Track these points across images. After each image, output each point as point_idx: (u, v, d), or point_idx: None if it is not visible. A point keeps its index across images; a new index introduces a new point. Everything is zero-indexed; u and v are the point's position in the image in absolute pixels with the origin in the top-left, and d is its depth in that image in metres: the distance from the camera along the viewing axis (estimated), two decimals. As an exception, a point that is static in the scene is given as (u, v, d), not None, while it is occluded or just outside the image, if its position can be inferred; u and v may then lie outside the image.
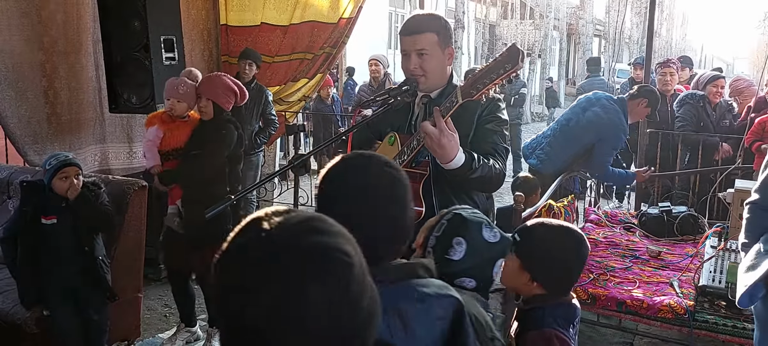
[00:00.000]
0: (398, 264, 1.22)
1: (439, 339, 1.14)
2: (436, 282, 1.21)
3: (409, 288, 1.16)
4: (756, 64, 24.09)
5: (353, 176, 1.21)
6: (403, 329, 1.12)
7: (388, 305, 1.12)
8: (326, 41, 5.26)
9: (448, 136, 1.85)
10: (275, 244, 0.81)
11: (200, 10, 5.13)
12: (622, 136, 4.16)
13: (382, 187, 1.20)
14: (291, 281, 0.78)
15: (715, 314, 2.81)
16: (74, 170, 2.89)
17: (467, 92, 1.87)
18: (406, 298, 1.15)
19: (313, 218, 0.85)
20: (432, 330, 1.13)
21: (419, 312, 1.14)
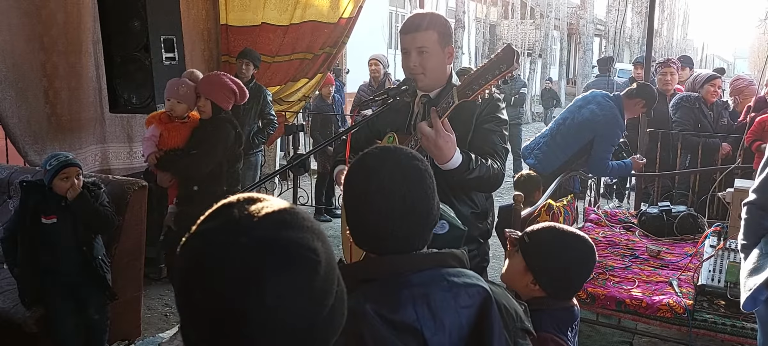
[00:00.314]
0: (429, 253, 1.24)
1: (465, 327, 1.16)
2: (467, 272, 1.23)
3: (439, 276, 1.19)
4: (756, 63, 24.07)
5: (381, 172, 1.22)
6: (432, 318, 1.14)
7: (417, 292, 1.15)
8: (326, 41, 5.27)
9: (444, 137, 1.85)
10: (239, 232, 0.79)
11: (200, 9, 5.14)
12: (619, 131, 4.16)
13: (411, 180, 1.22)
14: (251, 271, 0.76)
15: (714, 313, 2.81)
16: (75, 171, 2.90)
17: (463, 93, 1.87)
18: (434, 286, 1.17)
19: (285, 210, 0.83)
20: (458, 318, 1.16)
21: (447, 300, 1.16)
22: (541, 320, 1.71)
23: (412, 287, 1.16)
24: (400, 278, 1.18)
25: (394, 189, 1.20)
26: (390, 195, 1.20)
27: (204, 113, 3.35)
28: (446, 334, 1.14)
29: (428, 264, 1.21)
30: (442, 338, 1.14)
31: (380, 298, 1.15)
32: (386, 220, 1.20)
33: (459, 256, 1.25)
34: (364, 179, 1.23)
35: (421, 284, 1.16)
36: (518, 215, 3.13)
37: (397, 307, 1.14)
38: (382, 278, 1.19)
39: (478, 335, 1.16)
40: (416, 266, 1.19)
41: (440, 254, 1.24)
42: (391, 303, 1.14)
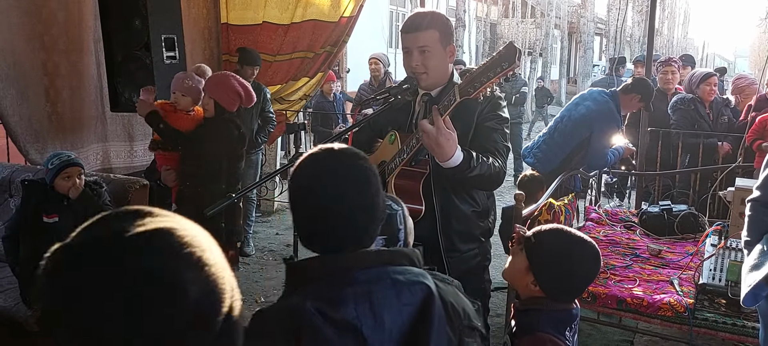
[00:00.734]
0: (376, 251, 1.24)
1: (406, 324, 1.16)
2: (413, 270, 1.22)
3: (384, 274, 1.19)
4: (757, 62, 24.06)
5: (324, 171, 1.22)
6: (372, 315, 1.14)
7: (360, 290, 1.15)
8: (327, 40, 5.27)
9: (445, 135, 1.86)
10: (104, 251, 0.74)
11: (201, 8, 5.14)
12: (615, 125, 4.17)
13: (354, 179, 1.21)
14: (106, 294, 0.70)
15: (715, 312, 2.81)
16: (77, 170, 2.90)
17: (465, 90, 1.87)
18: (378, 284, 1.17)
19: (160, 233, 0.76)
20: (400, 316, 1.16)
21: (389, 298, 1.16)
22: (539, 320, 1.70)
23: (356, 284, 1.16)
24: (344, 276, 1.17)
25: (338, 188, 1.20)
26: (333, 194, 1.20)
27: (207, 112, 3.35)
28: (386, 332, 1.14)
29: (374, 262, 1.20)
30: (381, 336, 1.14)
31: (323, 296, 1.15)
32: (330, 219, 1.20)
33: (408, 254, 1.25)
34: (307, 179, 1.23)
35: (364, 282, 1.16)
36: (519, 214, 3.13)
37: (338, 305, 1.14)
38: (327, 277, 1.19)
39: (417, 331, 1.16)
40: (361, 264, 1.19)
41: (388, 252, 1.25)
42: (332, 301, 1.14)
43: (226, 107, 3.32)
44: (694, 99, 5.11)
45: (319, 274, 1.20)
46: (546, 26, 21.72)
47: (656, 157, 5.20)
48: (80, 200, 2.94)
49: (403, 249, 1.27)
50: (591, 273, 1.78)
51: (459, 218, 2.20)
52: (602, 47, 28.08)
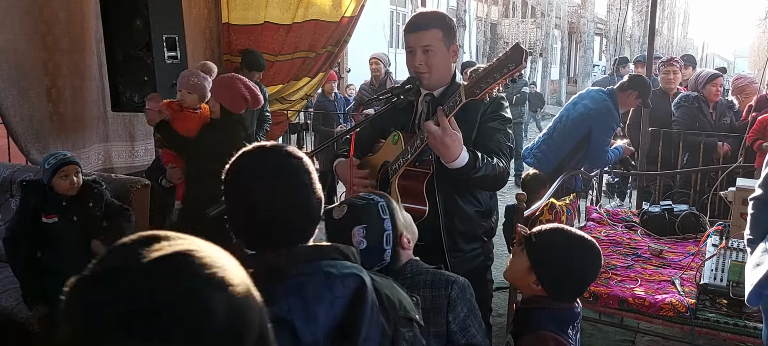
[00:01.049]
0: (309, 246, 1.24)
1: (338, 316, 1.16)
2: (346, 263, 1.22)
3: (316, 268, 1.19)
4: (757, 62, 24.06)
5: (255, 169, 1.24)
6: (305, 310, 1.14)
7: (292, 285, 1.15)
8: (328, 40, 5.27)
9: (451, 136, 1.85)
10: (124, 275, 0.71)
11: (202, 8, 5.14)
12: (613, 123, 4.18)
13: (286, 174, 1.22)
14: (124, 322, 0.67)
15: (717, 312, 2.82)
16: (74, 169, 2.90)
17: (470, 91, 1.87)
18: (311, 278, 1.17)
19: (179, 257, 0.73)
20: (331, 309, 1.16)
21: (321, 291, 1.16)
22: (541, 319, 1.70)
23: (288, 279, 1.16)
24: (277, 273, 1.18)
25: (268, 186, 1.21)
26: (265, 190, 1.20)
27: (213, 113, 3.35)
28: (319, 325, 1.14)
29: (307, 257, 1.21)
30: (314, 330, 1.14)
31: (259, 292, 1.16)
32: (263, 215, 1.21)
33: (343, 249, 1.25)
34: (241, 176, 1.24)
35: (297, 276, 1.17)
36: (521, 214, 3.13)
37: (269, 300, 1.13)
38: (260, 274, 1.18)
39: (349, 322, 1.16)
40: (294, 260, 1.20)
41: (322, 247, 1.24)
42: (266, 298, 1.14)
43: (232, 110, 3.31)
44: (698, 98, 5.12)
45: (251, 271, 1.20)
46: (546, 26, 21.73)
47: (657, 157, 5.20)
48: (79, 199, 2.94)
49: (338, 245, 1.25)
50: (592, 272, 1.78)
51: (462, 218, 2.20)
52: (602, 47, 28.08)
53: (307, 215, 1.24)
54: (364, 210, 1.65)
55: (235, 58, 5.19)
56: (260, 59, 4.95)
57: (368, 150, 2.35)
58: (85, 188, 2.97)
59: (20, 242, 2.94)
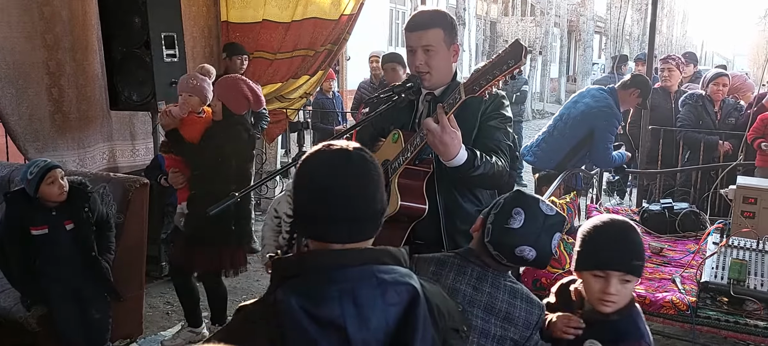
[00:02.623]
0: (361, 249, 1.23)
1: (391, 324, 1.16)
2: (399, 269, 1.22)
3: (369, 273, 1.18)
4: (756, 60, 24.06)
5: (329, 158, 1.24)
6: (357, 314, 1.14)
7: (344, 288, 1.15)
8: (328, 38, 5.26)
9: (450, 134, 1.84)
10: None
11: (201, 6, 5.14)
12: (616, 121, 4.17)
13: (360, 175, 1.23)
14: None
15: (718, 309, 2.81)
16: (59, 172, 2.83)
17: (470, 89, 1.86)
18: (363, 282, 1.17)
19: None
20: (385, 315, 1.15)
21: (374, 297, 1.16)
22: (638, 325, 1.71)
23: (340, 282, 1.16)
24: (329, 273, 1.17)
25: (339, 175, 1.22)
26: (332, 179, 1.21)
27: (215, 114, 3.34)
28: (371, 331, 1.14)
29: (360, 260, 1.20)
30: (366, 335, 1.13)
31: (307, 292, 1.15)
32: (329, 203, 1.21)
33: (394, 253, 1.25)
34: (313, 163, 1.25)
35: (349, 280, 1.16)
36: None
37: (322, 302, 1.14)
38: (311, 273, 1.19)
39: (402, 331, 1.16)
40: (347, 262, 1.19)
41: (374, 250, 1.24)
42: (316, 298, 1.14)
43: (234, 111, 3.30)
44: (703, 96, 5.12)
45: (301, 269, 1.20)
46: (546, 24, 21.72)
47: (657, 156, 5.20)
48: (67, 206, 2.88)
49: (389, 248, 1.25)
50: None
51: (462, 217, 2.18)
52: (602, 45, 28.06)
53: (370, 217, 1.25)
54: None
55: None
56: (235, 44, 5.04)
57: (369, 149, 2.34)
58: (74, 192, 2.90)
59: (9, 254, 2.87)
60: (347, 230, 1.22)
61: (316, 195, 1.22)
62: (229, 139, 3.26)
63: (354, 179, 1.22)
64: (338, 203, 1.21)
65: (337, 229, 1.21)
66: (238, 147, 3.32)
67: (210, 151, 3.26)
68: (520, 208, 1.74)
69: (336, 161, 1.23)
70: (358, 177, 1.23)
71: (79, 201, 2.91)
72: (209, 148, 3.26)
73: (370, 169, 1.25)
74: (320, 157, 1.25)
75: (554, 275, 3.22)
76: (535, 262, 1.73)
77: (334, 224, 1.21)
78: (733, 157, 4.84)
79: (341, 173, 1.22)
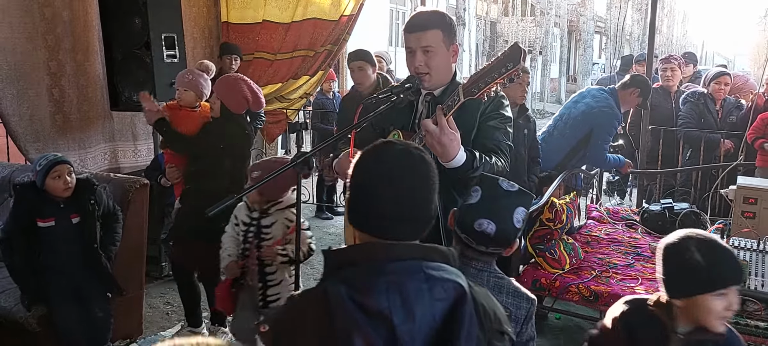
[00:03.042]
0: (411, 244, 1.25)
1: (437, 319, 1.17)
2: (447, 267, 1.24)
3: (417, 268, 1.21)
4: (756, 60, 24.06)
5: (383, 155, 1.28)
6: (403, 306, 1.16)
7: (392, 280, 1.17)
8: (328, 38, 5.27)
9: (448, 135, 1.84)
10: None
11: (201, 7, 5.14)
12: (615, 122, 4.16)
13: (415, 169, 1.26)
14: None
15: (718, 310, 2.81)
16: (66, 168, 2.86)
17: (469, 91, 1.86)
18: (411, 276, 1.19)
19: None
20: (431, 310, 1.17)
21: (421, 291, 1.18)
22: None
23: (389, 275, 1.18)
24: (378, 265, 1.20)
25: (394, 172, 1.25)
26: (392, 179, 1.24)
27: (213, 111, 3.34)
28: (416, 324, 1.15)
29: (409, 255, 1.23)
30: (411, 327, 1.15)
31: (356, 282, 1.18)
32: (382, 201, 1.24)
33: (444, 252, 1.26)
34: (371, 161, 1.28)
35: (397, 273, 1.19)
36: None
37: (370, 292, 1.16)
38: (361, 263, 1.22)
39: (448, 328, 1.17)
40: (397, 255, 1.21)
41: (424, 246, 1.25)
42: (365, 288, 1.17)
43: (233, 110, 3.30)
44: (705, 95, 5.12)
45: (352, 260, 1.24)
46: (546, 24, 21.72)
47: (658, 155, 5.19)
48: (75, 200, 2.90)
49: (439, 247, 1.26)
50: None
51: (462, 217, 2.18)
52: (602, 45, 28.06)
53: (423, 215, 1.28)
54: None
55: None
56: (230, 44, 5.05)
57: None
58: (81, 186, 2.94)
59: (15, 246, 2.90)
60: (401, 228, 1.25)
61: (374, 192, 1.26)
62: (225, 137, 3.27)
63: (413, 180, 1.26)
64: (395, 203, 1.24)
65: (391, 227, 1.25)
66: (234, 146, 3.32)
67: (205, 147, 3.26)
68: (478, 186, 1.82)
69: (398, 161, 1.26)
70: (418, 179, 1.26)
71: (85, 194, 2.93)
72: (204, 144, 3.26)
73: (430, 171, 1.28)
74: (382, 155, 1.28)
75: (554, 275, 3.23)
76: (496, 237, 1.73)
77: (388, 222, 1.25)
78: (734, 156, 4.83)
79: (401, 173, 1.25)
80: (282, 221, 2.83)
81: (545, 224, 3.32)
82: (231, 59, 4.96)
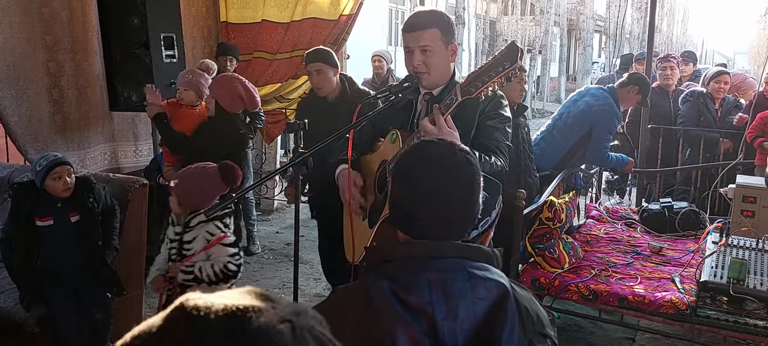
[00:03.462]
0: (455, 243, 1.27)
1: (479, 318, 1.19)
2: (490, 268, 1.26)
3: (460, 266, 1.22)
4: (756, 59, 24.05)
5: (423, 157, 1.29)
6: (445, 303, 1.17)
7: (435, 277, 1.19)
8: (327, 38, 5.26)
9: (447, 134, 1.84)
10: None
11: (200, 7, 5.13)
12: (615, 120, 4.16)
13: (461, 170, 1.28)
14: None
15: (717, 309, 2.81)
16: (66, 169, 2.86)
17: (466, 90, 1.86)
18: (454, 274, 1.20)
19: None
20: (473, 308, 1.19)
21: (464, 289, 1.19)
22: None
23: (432, 271, 1.20)
24: (422, 262, 1.22)
25: (441, 173, 1.26)
26: (435, 178, 1.26)
27: (209, 111, 3.34)
28: (458, 321, 1.17)
29: (452, 253, 1.24)
30: (452, 324, 1.16)
31: (399, 277, 1.19)
32: (425, 201, 1.25)
33: (487, 252, 1.28)
34: (416, 160, 1.30)
35: (441, 270, 1.20)
36: (520, 212, 3.13)
37: (412, 288, 1.18)
38: (405, 260, 1.24)
39: (489, 326, 1.18)
40: (440, 253, 1.23)
41: (467, 246, 1.27)
42: (407, 284, 1.19)
43: (228, 110, 3.30)
44: (704, 94, 5.12)
45: (395, 257, 1.25)
46: (545, 23, 21.70)
47: (657, 154, 5.19)
48: (74, 200, 2.91)
49: (483, 247, 1.28)
50: None
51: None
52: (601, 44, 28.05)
53: (467, 214, 1.29)
54: None
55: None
56: (226, 45, 5.03)
57: (368, 150, 2.34)
58: (79, 185, 2.94)
59: (15, 246, 2.90)
60: (444, 228, 1.26)
61: (418, 193, 1.26)
62: (220, 137, 3.26)
63: (458, 180, 1.27)
64: (440, 204, 1.25)
65: (435, 227, 1.26)
66: (228, 145, 3.32)
67: (199, 146, 3.26)
68: None
69: (443, 162, 1.27)
70: (463, 179, 1.27)
71: (84, 192, 2.94)
72: (199, 143, 3.26)
73: (474, 172, 1.29)
74: (426, 155, 1.29)
75: (553, 274, 3.23)
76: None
77: (433, 223, 1.26)
78: (733, 155, 4.83)
79: (447, 174, 1.26)
80: (203, 235, 2.62)
81: (544, 223, 3.32)
82: (227, 60, 4.93)
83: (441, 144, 1.32)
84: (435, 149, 1.30)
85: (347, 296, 1.26)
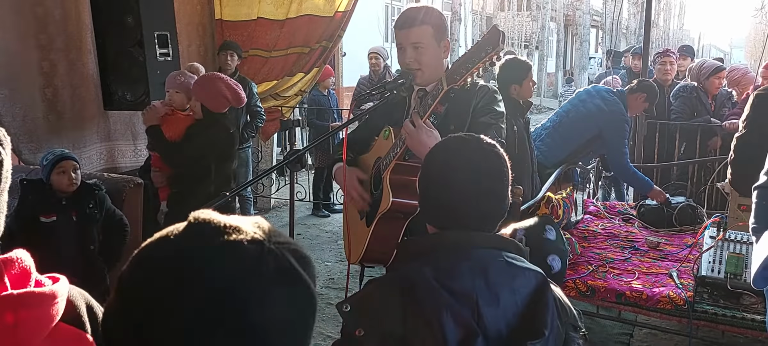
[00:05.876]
0: (491, 235, 1.31)
1: (520, 305, 1.21)
2: (525, 260, 1.29)
3: (498, 256, 1.25)
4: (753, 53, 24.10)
5: (464, 151, 1.32)
6: (488, 290, 1.20)
7: (476, 265, 1.22)
8: (322, 35, 5.25)
9: (426, 133, 1.84)
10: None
11: (195, 5, 5.11)
12: (626, 126, 4.11)
13: (491, 164, 1.30)
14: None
15: (715, 304, 2.80)
16: (71, 164, 2.88)
17: (451, 78, 1.84)
18: (494, 263, 1.23)
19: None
20: (514, 296, 1.21)
21: (504, 278, 1.22)
22: None
23: (472, 260, 1.23)
24: (461, 252, 1.24)
25: (475, 169, 1.28)
26: (469, 174, 1.28)
27: (195, 113, 3.32)
28: (500, 308, 1.19)
29: (489, 244, 1.27)
30: (495, 311, 1.19)
31: (440, 266, 1.22)
32: (460, 197, 1.28)
33: (518, 245, 1.31)
34: (448, 156, 1.32)
35: (480, 260, 1.23)
36: (517, 208, 3.11)
37: (456, 275, 1.20)
38: (443, 250, 1.26)
39: (531, 314, 1.21)
40: (477, 243, 1.26)
41: (501, 238, 1.31)
42: (450, 272, 1.21)
43: (213, 110, 3.27)
44: (696, 88, 5.11)
45: (432, 247, 1.28)
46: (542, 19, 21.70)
47: (654, 149, 5.18)
48: (78, 198, 2.90)
49: (513, 239, 1.32)
50: None
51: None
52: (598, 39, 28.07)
53: (499, 206, 1.31)
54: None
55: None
56: (228, 41, 5.02)
57: (364, 148, 2.32)
58: (85, 188, 2.94)
59: (17, 241, 2.90)
60: (476, 223, 1.28)
61: (449, 188, 1.29)
62: (208, 138, 3.24)
63: (489, 175, 1.29)
64: (471, 199, 1.27)
65: (466, 222, 1.28)
66: (217, 146, 3.30)
67: (189, 150, 3.24)
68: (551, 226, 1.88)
69: (473, 156, 1.30)
70: (494, 173, 1.30)
71: (86, 196, 2.94)
72: (188, 147, 3.24)
73: (504, 166, 1.32)
74: (456, 151, 1.32)
75: (551, 270, 3.22)
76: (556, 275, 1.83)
77: (463, 217, 1.28)
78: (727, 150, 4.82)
79: (477, 168, 1.28)
80: None
81: (541, 219, 3.31)
82: (226, 55, 4.91)
83: (469, 139, 1.34)
84: (464, 144, 1.33)
85: (386, 286, 1.27)
